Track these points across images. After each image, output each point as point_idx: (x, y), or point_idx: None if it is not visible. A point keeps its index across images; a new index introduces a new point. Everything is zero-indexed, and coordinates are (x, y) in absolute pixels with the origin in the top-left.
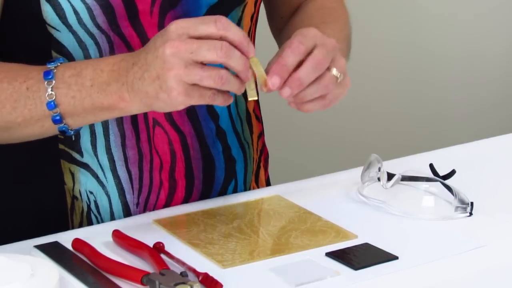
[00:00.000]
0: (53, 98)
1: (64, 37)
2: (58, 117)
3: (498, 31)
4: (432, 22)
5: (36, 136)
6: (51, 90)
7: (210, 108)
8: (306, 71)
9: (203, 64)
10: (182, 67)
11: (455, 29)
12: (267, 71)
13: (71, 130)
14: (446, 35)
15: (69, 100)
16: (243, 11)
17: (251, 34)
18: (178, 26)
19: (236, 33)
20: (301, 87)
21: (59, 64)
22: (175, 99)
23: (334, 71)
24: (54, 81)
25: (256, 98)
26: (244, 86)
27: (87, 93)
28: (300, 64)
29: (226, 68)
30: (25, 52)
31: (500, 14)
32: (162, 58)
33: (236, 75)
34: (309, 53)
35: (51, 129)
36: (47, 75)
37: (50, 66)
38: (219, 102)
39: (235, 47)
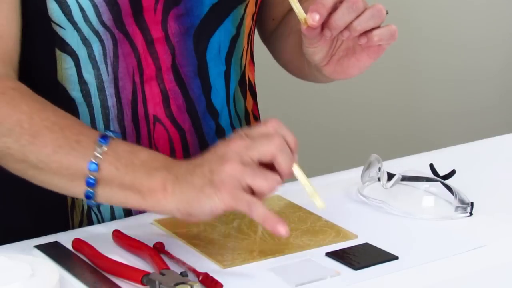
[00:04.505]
0: (98, 161)
1: (69, 35)
2: (92, 181)
3: (498, 31)
4: (432, 21)
5: (55, 188)
6: (100, 154)
7: (209, 106)
8: (341, 11)
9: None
10: (239, 162)
11: (456, 29)
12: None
13: (94, 201)
14: (447, 34)
15: (112, 169)
16: (245, 10)
17: (252, 34)
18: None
19: (290, 134)
20: (336, 25)
21: (116, 137)
22: (221, 196)
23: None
24: (106, 148)
25: (324, 207)
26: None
27: (132, 170)
28: None
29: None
30: (29, 49)
31: (500, 15)
32: (220, 155)
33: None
34: None
35: (77, 188)
36: (103, 139)
37: (109, 133)
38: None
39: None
